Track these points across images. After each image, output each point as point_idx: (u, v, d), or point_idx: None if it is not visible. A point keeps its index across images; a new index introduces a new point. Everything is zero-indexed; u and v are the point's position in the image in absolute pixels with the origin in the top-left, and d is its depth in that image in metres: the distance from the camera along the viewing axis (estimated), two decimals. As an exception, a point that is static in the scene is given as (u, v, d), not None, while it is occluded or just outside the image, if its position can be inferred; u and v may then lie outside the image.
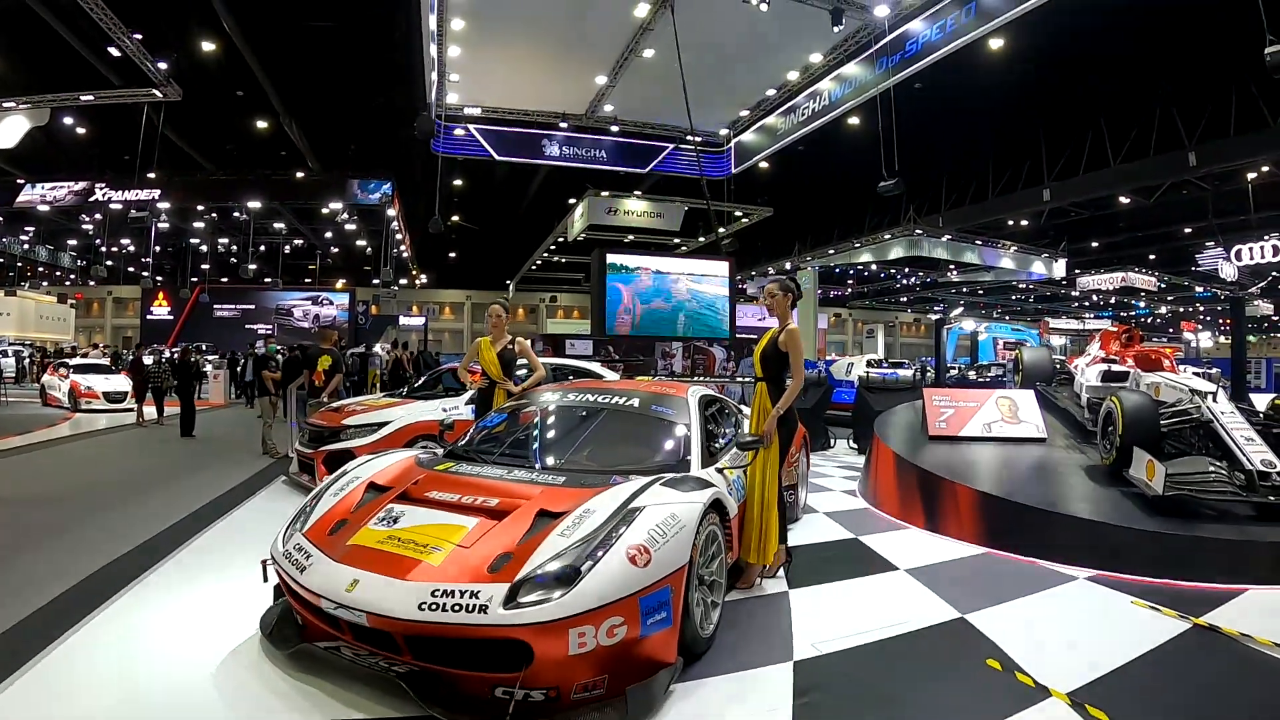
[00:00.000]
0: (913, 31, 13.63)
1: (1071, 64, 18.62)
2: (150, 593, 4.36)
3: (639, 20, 14.90)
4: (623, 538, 3.03)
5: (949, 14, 12.59)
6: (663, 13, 14.23)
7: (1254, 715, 3.01)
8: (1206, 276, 32.27)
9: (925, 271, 39.80)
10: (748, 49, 16.22)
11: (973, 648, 3.69)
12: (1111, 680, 3.29)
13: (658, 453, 4.34)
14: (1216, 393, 6.07)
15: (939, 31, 12.89)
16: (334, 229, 30.96)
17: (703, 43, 14.91)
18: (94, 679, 3.22)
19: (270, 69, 19.08)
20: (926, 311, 58.14)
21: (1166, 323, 51.56)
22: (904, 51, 13.85)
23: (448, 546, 3.13)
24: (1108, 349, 8.42)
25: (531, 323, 49.27)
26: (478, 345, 6.30)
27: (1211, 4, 14.01)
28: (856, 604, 4.38)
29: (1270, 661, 3.53)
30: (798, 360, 4.54)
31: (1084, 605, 4.42)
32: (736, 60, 16.80)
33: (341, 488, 3.90)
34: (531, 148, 20.36)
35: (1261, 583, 4.56)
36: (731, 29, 15.11)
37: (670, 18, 13.94)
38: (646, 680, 2.90)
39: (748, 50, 16.28)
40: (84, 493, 7.76)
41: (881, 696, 3.17)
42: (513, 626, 2.73)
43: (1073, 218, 28.63)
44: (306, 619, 3.29)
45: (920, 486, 6.53)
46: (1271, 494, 5.03)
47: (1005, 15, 11.43)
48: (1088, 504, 5.63)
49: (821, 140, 19.16)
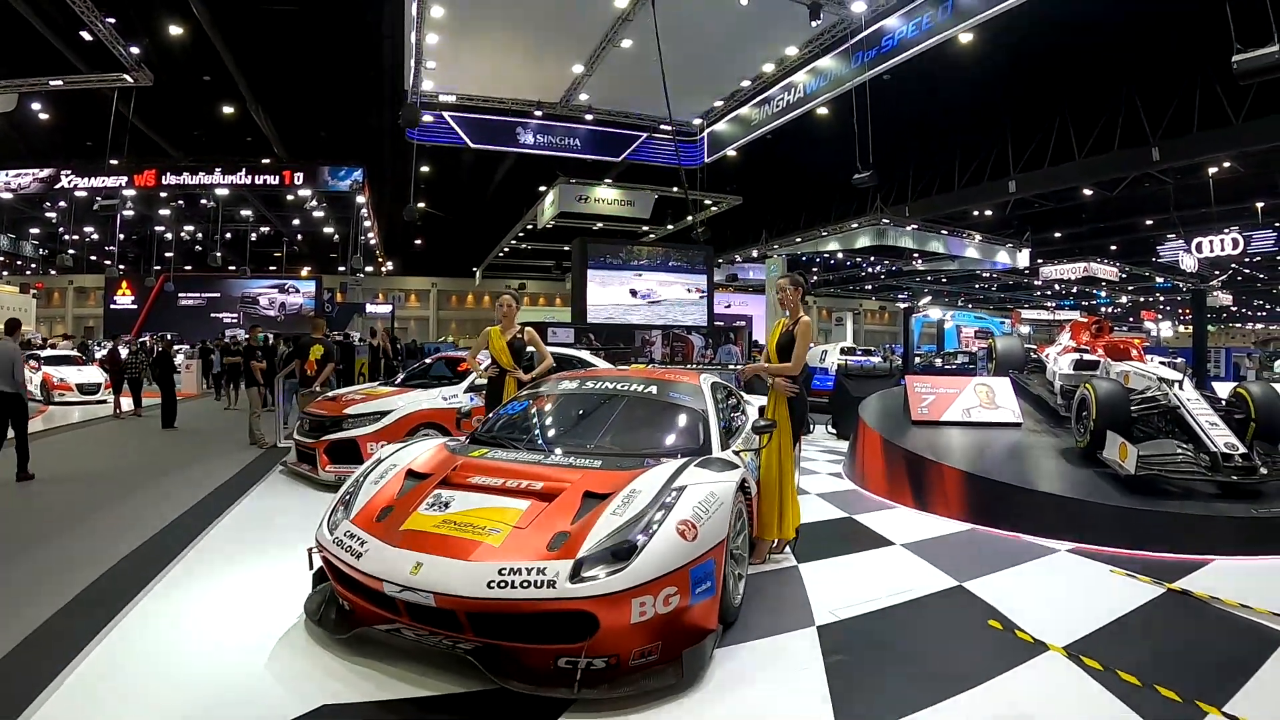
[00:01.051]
0: (889, 28, 14.01)
1: (1038, 58, 19.22)
2: (179, 587, 4.39)
3: (619, 10, 15.07)
4: (672, 514, 3.31)
5: (925, 12, 12.99)
6: (643, 3, 14.42)
7: (1226, 663, 3.43)
8: (1167, 268, 33.41)
9: (891, 260, 40.51)
10: (725, 40, 16.46)
11: (974, 611, 4.10)
12: (1100, 636, 3.72)
13: (681, 436, 4.60)
14: (1183, 381, 6.58)
15: (915, 29, 13.29)
16: (302, 216, 30.67)
17: (680, 33, 15.07)
18: (142, 677, 3.24)
19: (238, 54, 18.92)
20: (891, 299, 59.15)
21: (1127, 312, 53.10)
22: (880, 47, 14.24)
23: (505, 528, 3.33)
24: (1078, 339, 8.92)
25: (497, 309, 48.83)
26: (487, 334, 6.50)
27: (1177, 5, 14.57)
28: (862, 575, 4.76)
29: (1238, 620, 4.00)
30: (801, 346, 4.91)
31: (1068, 574, 4.87)
32: (713, 51, 17.02)
33: (381, 475, 4.03)
34: (505, 136, 20.42)
35: (1226, 553, 5.06)
36: (710, 20, 15.34)
37: (650, 8, 14.15)
38: (697, 645, 3.19)
39: (725, 42, 16.52)
40: (79, 486, 7.80)
41: (901, 654, 3.56)
42: (580, 599, 2.96)
43: (1036, 209, 29.39)
44: (355, 603, 3.43)
45: (908, 468, 6.96)
46: (1235, 474, 5.55)
47: (982, 14, 11.86)
48: (1065, 483, 6.10)
49: (789, 130, 19.42)
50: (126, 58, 15.99)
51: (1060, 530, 5.58)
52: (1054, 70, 20.13)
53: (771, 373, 4.98)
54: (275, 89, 21.45)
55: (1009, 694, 3.13)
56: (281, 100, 22.42)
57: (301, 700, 2.99)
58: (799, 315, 5.01)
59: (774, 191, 32.68)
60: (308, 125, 24.62)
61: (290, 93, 21.82)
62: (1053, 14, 14.59)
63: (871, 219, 30.19)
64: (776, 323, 5.17)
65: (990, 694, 3.11)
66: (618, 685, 2.98)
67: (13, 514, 6.55)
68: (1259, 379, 11.19)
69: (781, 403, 4.95)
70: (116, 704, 3.00)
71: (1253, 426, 6.19)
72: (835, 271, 47.59)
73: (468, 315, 49.29)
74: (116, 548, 5.13)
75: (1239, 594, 4.26)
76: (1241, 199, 25.77)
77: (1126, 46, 18.13)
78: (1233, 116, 17.14)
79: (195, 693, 3.08)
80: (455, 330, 45.04)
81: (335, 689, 3.10)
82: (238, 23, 17.63)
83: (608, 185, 26.58)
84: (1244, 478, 5.54)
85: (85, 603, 4.12)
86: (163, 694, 3.07)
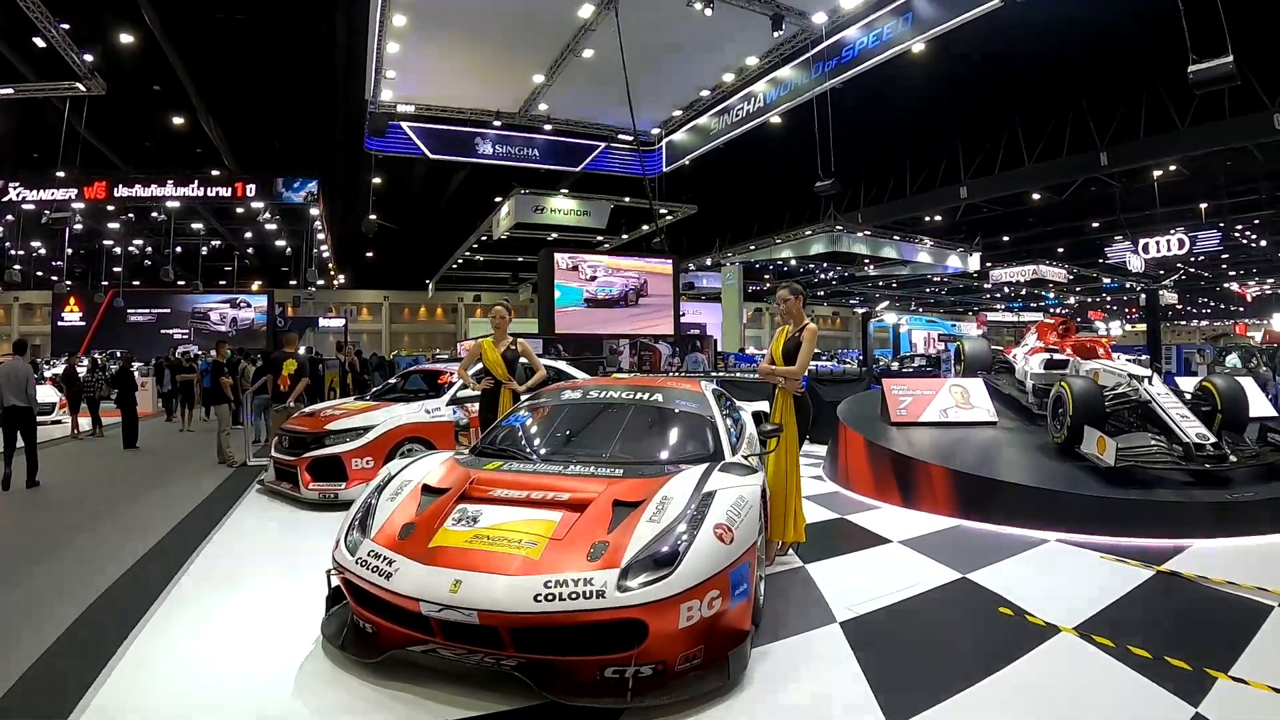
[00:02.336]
0: (849, 39, 14.49)
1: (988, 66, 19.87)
2: (176, 621, 4.19)
3: (582, 20, 15.28)
4: (708, 519, 3.40)
5: (885, 23, 13.49)
6: (606, 14, 14.65)
7: (1224, 634, 3.74)
8: (1114, 268, 34.79)
9: (843, 266, 41.35)
10: (686, 50, 16.84)
11: (983, 600, 4.36)
12: (1104, 616, 4.01)
13: (693, 444, 4.69)
14: (1152, 377, 6.99)
15: (875, 40, 13.77)
16: (254, 229, 30.16)
17: (642, 43, 15.39)
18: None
19: (190, 63, 18.63)
20: (843, 305, 60.28)
21: (1074, 312, 54.99)
22: (840, 57, 14.70)
23: (541, 540, 3.32)
24: (1045, 339, 9.34)
25: (450, 322, 49.06)
26: (479, 346, 6.59)
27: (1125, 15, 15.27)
28: (869, 572, 4.98)
29: (1226, 596, 4.33)
30: (806, 351, 5.12)
31: (1061, 561, 5.18)
32: (674, 61, 17.40)
33: (395, 492, 3.96)
34: (464, 146, 20.52)
35: (1204, 536, 5.43)
36: (672, 30, 15.67)
37: (614, 19, 14.39)
38: (739, 646, 3.32)
39: (686, 51, 16.91)
40: (54, 510, 7.64)
41: (926, 643, 3.78)
42: (631, 607, 3.00)
43: (985, 214, 30.39)
44: (381, 625, 3.36)
45: (894, 468, 7.24)
46: (1207, 462, 5.94)
47: (943, 26, 12.38)
48: (1047, 476, 6.44)
49: (743, 138, 19.86)
50: (80, 65, 15.68)
51: (1046, 521, 5.89)
52: (1004, 78, 20.82)
53: (780, 375, 5.18)
54: (227, 99, 21.14)
55: (1034, 672, 3.36)
56: (233, 110, 22.11)
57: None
58: (804, 321, 5.24)
59: (728, 199, 33.09)
60: (259, 136, 24.26)
61: (242, 103, 21.53)
62: (1004, 23, 15.21)
63: (826, 226, 30.82)
64: (780, 329, 5.39)
65: (1017, 673, 3.35)
66: (669, 691, 3.04)
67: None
68: (1212, 373, 11.83)
69: (789, 405, 5.15)
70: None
71: (1219, 417, 6.63)
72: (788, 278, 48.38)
73: (421, 328, 48.98)
74: (100, 577, 4.99)
75: (1224, 572, 4.61)
76: (1185, 200, 27.09)
77: (1076, 54, 18.87)
78: (1178, 122, 18.05)
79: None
80: (408, 343, 44.65)
81: (373, 718, 3.07)
82: (189, 31, 17.38)
83: (564, 195, 26.76)
84: (1215, 465, 5.94)
85: (73, 644, 3.88)
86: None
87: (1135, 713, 3.01)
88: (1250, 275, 46.87)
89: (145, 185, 23.20)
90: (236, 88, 20.57)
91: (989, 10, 11.61)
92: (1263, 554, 5.11)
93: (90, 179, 22.85)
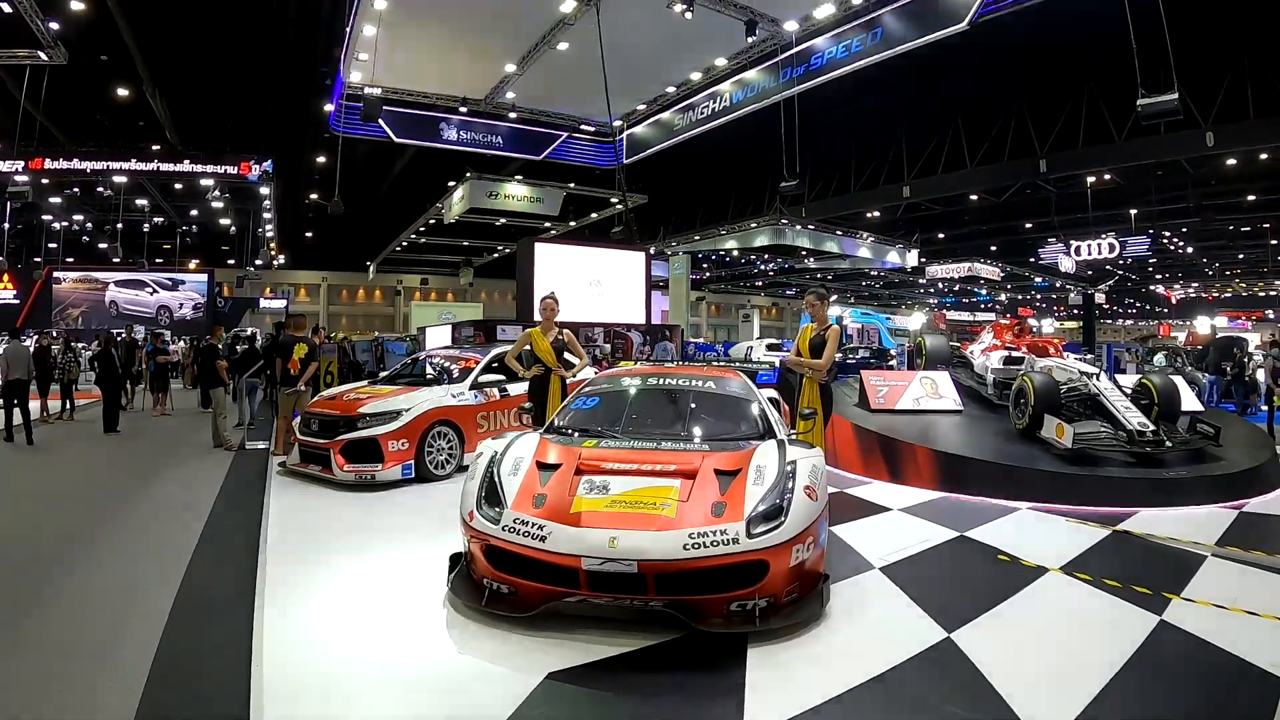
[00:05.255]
0: (818, 47, 15.65)
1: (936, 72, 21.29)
2: (292, 602, 4.43)
3: (562, 14, 15.95)
4: (797, 482, 4.34)
5: (855, 36, 14.69)
6: (587, 10, 15.40)
7: (1173, 571, 5.01)
8: (1046, 268, 37.25)
9: (784, 258, 42.87)
10: (659, 48, 17.62)
11: (983, 550, 5.56)
12: (1079, 560, 5.25)
13: (751, 424, 5.56)
14: (1099, 374, 8.39)
15: (844, 50, 14.97)
16: (200, 207, 29.72)
17: (617, 39, 16.07)
18: (351, 688, 3.39)
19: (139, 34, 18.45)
20: (779, 295, 62.22)
21: (1005, 309, 58.12)
22: (809, 64, 15.86)
23: (672, 502, 4.08)
24: (1001, 338, 10.74)
25: (389, 305, 49.06)
26: (529, 335, 7.34)
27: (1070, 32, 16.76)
28: (883, 533, 6.10)
29: (1170, 548, 5.65)
30: (831, 346, 6.28)
31: (1037, 523, 6.45)
32: (646, 58, 18.16)
33: (514, 468, 4.56)
34: (429, 130, 20.96)
35: (1147, 506, 6.78)
36: (648, 29, 16.42)
37: (594, 15, 15.14)
38: (825, 582, 4.30)
39: (659, 49, 17.69)
40: (67, 500, 7.57)
41: (950, 579, 4.95)
42: (759, 550, 3.83)
43: (924, 211, 32.16)
44: (518, 584, 3.97)
45: (882, 448, 8.45)
46: (1147, 446, 7.33)
47: (907, 44, 13.64)
48: (1014, 456, 7.76)
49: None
50: (44, 33, 15.56)
51: (1016, 493, 7.17)
52: (948, 82, 22.28)
53: (808, 366, 6.29)
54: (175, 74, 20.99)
55: (1037, 597, 4.57)
56: (181, 85, 21.96)
57: (527, 674, 3.46)
58: (827, 322, 6.38)
59: (673, 189, 33.87)
60: (207, 112, 24.08)
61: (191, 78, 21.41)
62: (954, 34, 16.57)
63: (770, 219, 32.09)
64: (805, 327, 6.53)
65: (1024, 598, 4.54)
66: (783, 617, 3.89)
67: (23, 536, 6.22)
68: (1140, 371, 13.53)
69: (815, 393, 6.28)
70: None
71: (1156, 410, 8.06)
72: (728, 269, 49.81)
73: (360, 310, 48.85)
74: (163, 566, 5.15)
75: (1166, 532, 5.94)
76: (1118, 206, 29.30)
77: (1020, 65, 20.40)
78: (1116, 134, 19.79)
79: (419, 692, 3.38)
80: (346, 325, 44.42)
81: (544, 661, 3.58)
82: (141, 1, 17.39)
83: (518, 182, 27.32)
84: (1154, 449, 7.38)
85: (196, 626, 4.17)
86: (391, 697, 3.35)
87: (1114, 620, 4.20)
88: (1176, 279, 50.73)
89: (98, 160, 22.82)
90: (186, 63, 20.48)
91: (955, 32, 12.89)
92: (1195, 519, 6.47)
93: (36, 152, 22.39)
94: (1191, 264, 44.03)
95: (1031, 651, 3.80)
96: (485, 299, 45.47)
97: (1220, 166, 23.87)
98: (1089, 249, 28.37)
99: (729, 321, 60.58)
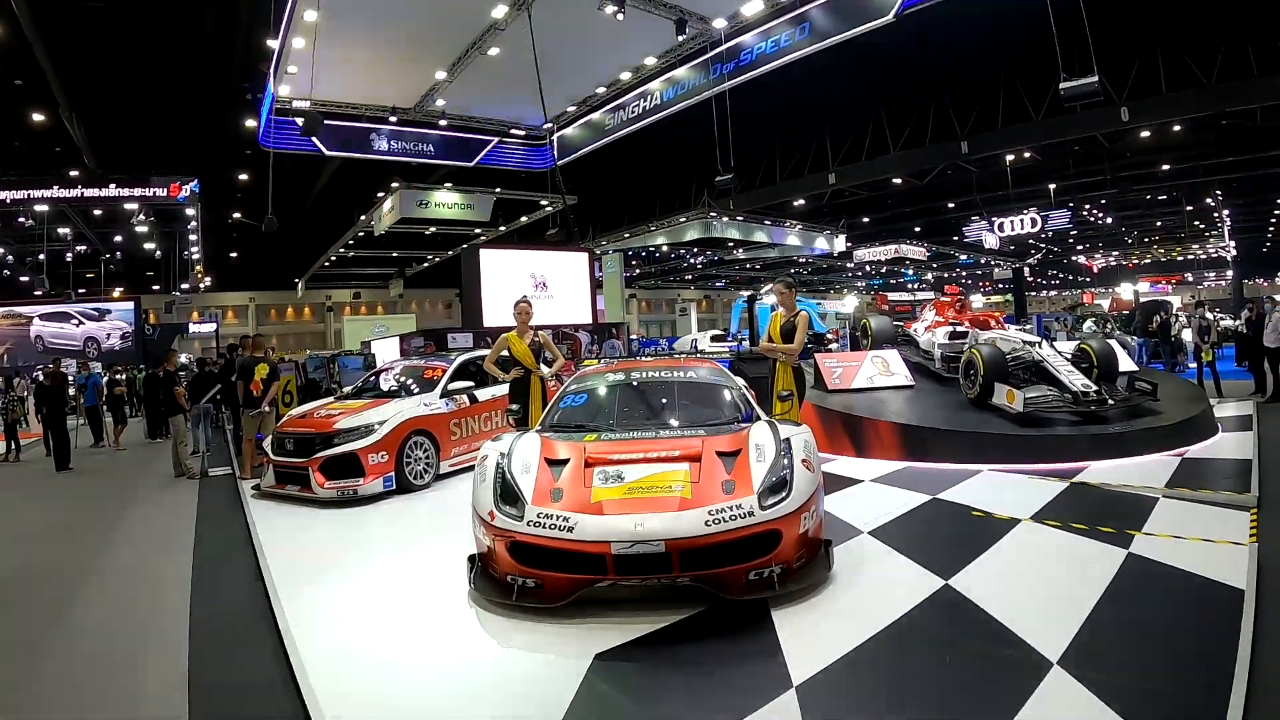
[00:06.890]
0: (747, 44, 16.12)
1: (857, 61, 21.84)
2: (308, 607, 4.57)
3: (494, 19, 15.98)
4: (795, 456, 4.71)
5: (782, 31, 15.20)
6: (519, 15, 15.56)
7: (1129, 513, 5.57)
8: (971, 245, 38.83)
9: (712, 250, 43.61)
10: (588, 49, 17.82)
11: (957, 509, 6.06)
12: (1046, 510, 5.80)
13: (734, 408, 5.93)
14: (1041, 342, 9.06)
15: (773, 46, 15.47)
16: (124, 232, 28.71)
17: (547, 43, 16.25)
18: (410, 688, 3.52)
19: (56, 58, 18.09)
20: (709, 288, 63.19)
21: (931, 287, 60.09)
22: (738, 60, 16.31)
23: (685, 484, 4.37)
24: (944, 314, 11.39)
25: (319, 322, 48.24)
26: (506, 340, 7.58)
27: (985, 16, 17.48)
28: (863, 501, 6.55)
29: (1124, 494, 6.25)
30: (800, 333, 6.72)
31: (999, 482, 6.99)
32: (576, 60, 18.31)
33: (525, 467, 4.74)
34: (360, 142, 20.73)
35: (1095, 459, 7.41)
36: (577, 30, 16.56)
37: (525, 19, 15.32)
38: (828, 547, 4.66)
39: (588, 51, 17.91)
40: (38, 540, 7.47)
41: (935, 537, 5.43)
42: (772, 520, 4.18)
43: (849, 197, 33.22)
44: (544, 577, 4.17)
45: (845, 425, 8.95)
46: (1091, 405, 8.00)
47: (835, 38, 14.18)
48: (970, 423, 8.37)
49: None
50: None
51: (976, 457, 7.72)
52: (871, 70, 22.73)
53: (780, 351, 6.74)
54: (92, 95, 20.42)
55: (1016, 542, 5.09)
56: (99, 107, 21.31)
57: (576, 658, 3.65)
58: (795, 310, 6.84)
59: (601, 188, 34.10)
60: (125, 134, 23.40)
61: (109, 99, 20.83)
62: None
63: (698, 212, 32.60)
64: (774, 314, 6.96)
65: (1005, 543, 5.06)
66: (796, 580, 4.24)
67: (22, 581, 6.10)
68: (1070, 338, 14.42)
69: (790, 375, 6.72)
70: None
71: (1095, 371, 8.76)
72: (658, 264, 50.43)
73: (289, 329, 47.81)
74: (177, 597, 5.15)
75: (1119, 480, 6.55)
76: (1037, 181, 30.77)
77: (937, 51, 21.12)
78: (1033, 113, 20.88)
79: (479, 687, 3.53)
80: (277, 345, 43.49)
81: (589, 644, 3.78)
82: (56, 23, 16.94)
83: (448, 189, 27.24)
84: (1098, 408, 8.05)
85: (224, 656, 4.18)
86: (451, 698, 3.45)
87: (1088, 556, 4.72)
88: (1096, 249, 53.22)
89: (18, 189, 22.00)
90: (103, 84, 19.98)
91: (881, 25, 13.50)
92: (1141, 468, 7.12)
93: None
94: (1111, 234, 46.29)
95: (1023, 588, 4.28)
96: (417, 309, 45.16)
97: (1135, 139, 25.31)
98: (1012, 225, 29.75)
99: (660, 317, 61.18)
